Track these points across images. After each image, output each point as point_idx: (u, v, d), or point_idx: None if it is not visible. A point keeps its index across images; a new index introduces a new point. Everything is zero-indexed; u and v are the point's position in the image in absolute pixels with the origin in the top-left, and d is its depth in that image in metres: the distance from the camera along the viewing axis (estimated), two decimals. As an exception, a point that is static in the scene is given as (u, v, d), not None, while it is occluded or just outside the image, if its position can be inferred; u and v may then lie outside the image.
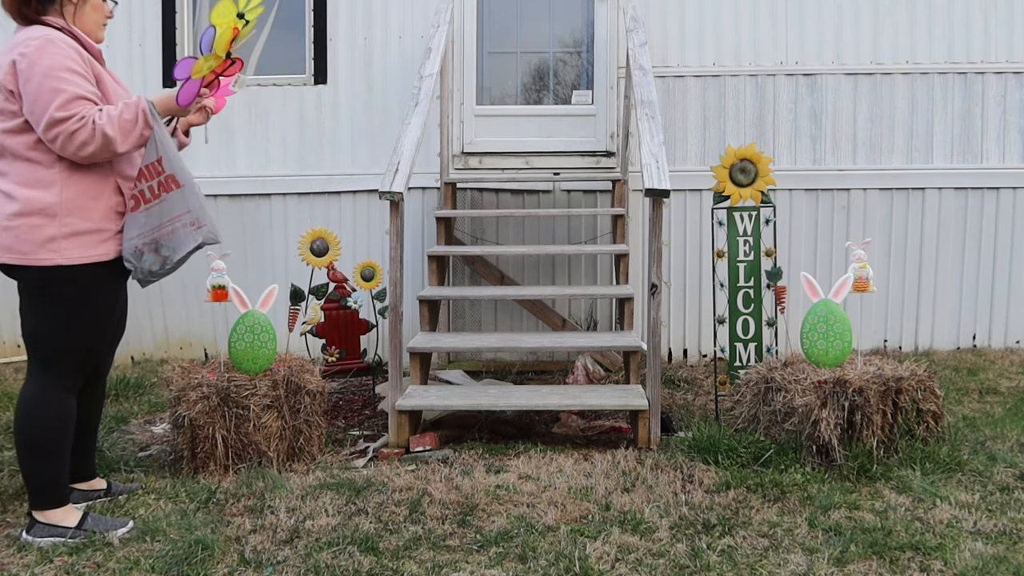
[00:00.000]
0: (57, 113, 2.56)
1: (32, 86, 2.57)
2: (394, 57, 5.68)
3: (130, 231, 2.77)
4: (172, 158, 2.81)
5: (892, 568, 2.55)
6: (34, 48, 2.59)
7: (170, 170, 2.80)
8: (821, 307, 3.57)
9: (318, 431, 3.64)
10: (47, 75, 2.56)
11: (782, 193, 5.42)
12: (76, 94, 2.59)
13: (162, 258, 2.80)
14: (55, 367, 2.80)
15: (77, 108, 2.58)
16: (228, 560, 2.61)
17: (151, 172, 2.78)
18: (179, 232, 2.81)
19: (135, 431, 4.06)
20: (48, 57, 2.57)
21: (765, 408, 3.62)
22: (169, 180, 2.80)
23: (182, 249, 2.83)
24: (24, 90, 2.59)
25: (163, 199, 2.79)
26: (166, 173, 2.79)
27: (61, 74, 2.58)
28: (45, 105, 2.56)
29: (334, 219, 5.64)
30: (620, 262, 4.95)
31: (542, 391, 4.13)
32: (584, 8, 5.72)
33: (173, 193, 2.80)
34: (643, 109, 4.25)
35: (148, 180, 2.78)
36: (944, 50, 5.59)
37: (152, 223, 2.78)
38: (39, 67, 2.56)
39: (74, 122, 2.57)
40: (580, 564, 2.55)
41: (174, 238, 2.80)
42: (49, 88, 2.56)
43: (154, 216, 2.78)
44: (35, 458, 2.78)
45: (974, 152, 5.62)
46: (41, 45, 2.59)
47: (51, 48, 2.59)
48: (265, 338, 3.52)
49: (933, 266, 5.65)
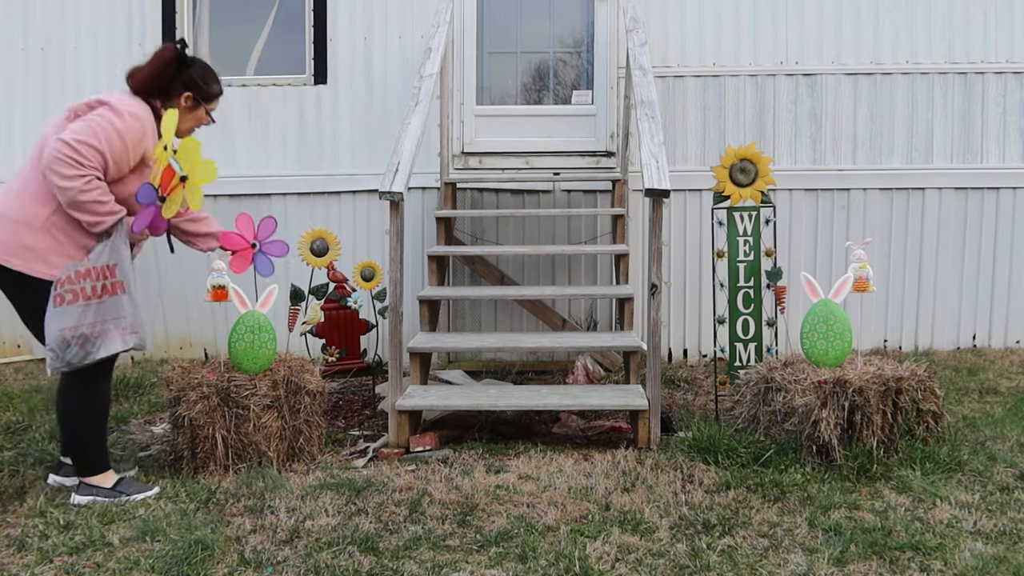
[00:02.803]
0: (74, 141, 2.88)
1: (83, 122, 2.95)
2: (394, 57, 5.69)
3: (61, 322, 2.91)
4: (125, 267, 3.03)
5: (892, 568, 2.55)
6: (121, 106, 3.01)
7: (121, 277, 3.01)
8: (821, 307, 3.56)
9: (318, 431, 3.64)
10: (103, 126, 2.94)
11: (782, 193, 5.42)
12: (100, 150, 2.93)
13: (85, 352, 2.94)
14: None
15: (88, 156, 2.90)
16: (228, 560, 2.61)
17: (99, 274, 2.97)
18: (111, 333, 2.99)
19: (135, 431, 4.07)
20: (120, 120, 2.97)
21: (765, 408, 3.62)
22: (116, 286, 3.00)
23: (108, 349, 2.99)
24: (86, 118, 2.97)
25: (104, 300, 2.97)
26: (115, 279, 3.00)
27: (111, 133, 2.95)
28: (72, 134, 2.91)
29: (334, 219, 5.64)
30: (620, 262, 4.95)
31: (542, 391, 4.13)
32: (584, 8, 5.72)
33: (116, 297, 3.00)
34: (643, 109, 4.25)
35: (94, 280, 2.95)
36: (944, 50, 5.59)
37: (87, 319, 2.94)
38: (99, 118, 2.96)
39: (74, 159, 2.88)
40: (580, 564, 2.55)
41: (104, 337, 2.97)
42: (87, 130, 2.92)
43: (90, 313, 2.95)
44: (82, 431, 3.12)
45: (974, 152, 5.62)
46: (124, 111, 2.99)
47: (129, 118, 3.00)
48: (265, 338, 3.51)
49: (933, 266, 5.65)
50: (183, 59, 3.20)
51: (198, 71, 3.23)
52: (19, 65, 5.84)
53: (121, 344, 3.01)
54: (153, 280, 5.66)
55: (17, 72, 5.84)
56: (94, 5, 5.78)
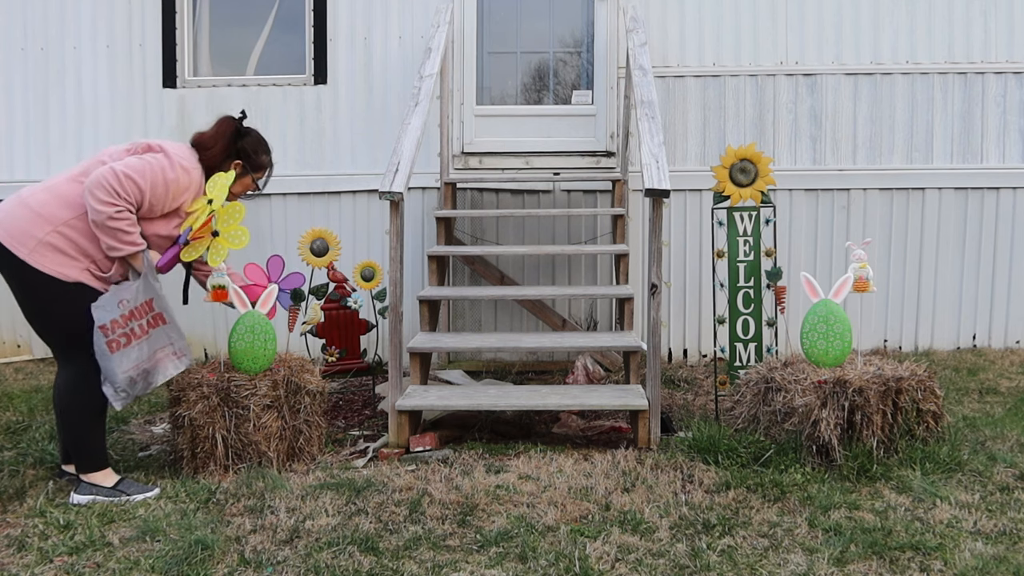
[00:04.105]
0: (121, 175, 3.05)
1: (138, 160, 3.14)
2: (394, 57, 5.69)
3: (124, 364, 3.10)
4: (159, 299, 3.21)
5: (892, 568, 2.55)
6: (177, 156, 3.21)
7: (159, 309, 3.21)
8: (821, 307, 3.56)
9: (318, 431, 3.64)
10: (151, 171, 3.12)
11: (782, 193, 5.42)
12: (142, 191, 3.10)
13: (147, 383, 3.19)
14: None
15: (128, 191, 3.06)
16: (228, 560, 2.61)
17: (141, 312, 3.17)
18: (164, 362, 3.23)
19: (135, 431, 4.07)
20: (170, 171, 3.16)
21: (765, 408, 3.62)
22: (157, 318, 3.21)
23: (166, 375, 3.24)
24: (139, 158, 3.15)
25: (151, 334, 3.18)
26: (155, 312, 3.20)
27: (157, 179, 3.13)
28: (124, 167, 3.08)
29: (334, 219, 5.64)
30: (620, 262, 4.95)
31: (542, 391, 4.13)
32: (584, 8, 5.72)
33: (160, 328, 3.21)
34: (643, 109, 4.26)
35: (139, 319, 3.16)
36: (944, 50, 5.59)
37: (143, 355, 3.15)
38: (154, 160, 3.15)
39: (113, 189, 3.04)
40: (580, 564, 2.55)
41: (160, 365, 3.21)
42: (141, 171, 3.10)
43: (144, 350, 3.16)
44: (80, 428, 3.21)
45: (974, 152, 5.62)
46: (178, 163, 3.19)
47: (180, 171, 3.19)
48: (265, 338, 3.51)
49: (933, 266, 5.65)
50: (240, 130, 3.44)
51: (251, 142, 3.45)
52: (19, 65, 5.84)
53: (174, 369, 3.26)
54: (153, 280, 5.66)
55: (17, 72, 5.84)
56: (94, 5, 5.78)
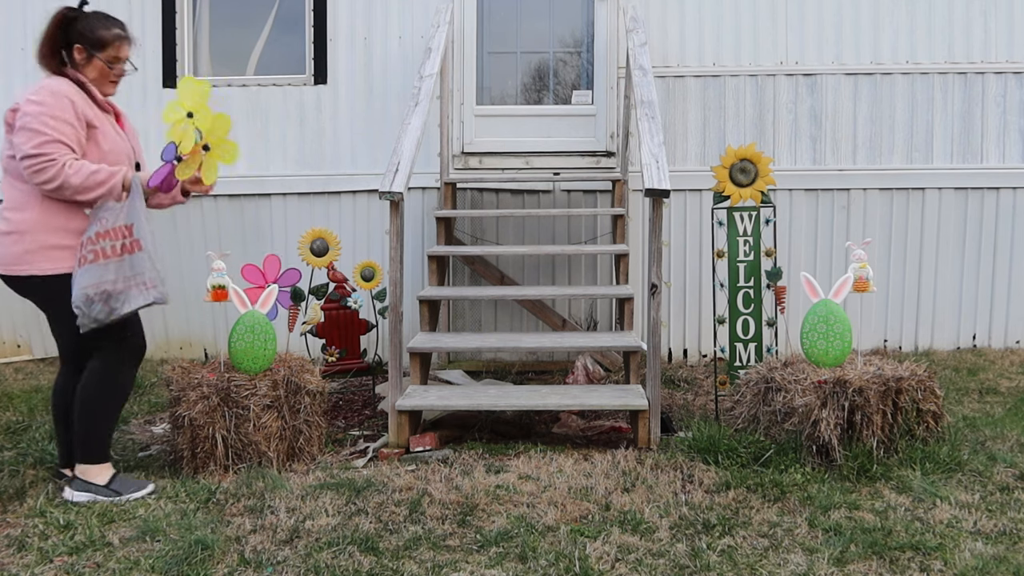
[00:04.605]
0: (31, 150, 2.96)
1: (24, 123, 3.00)
2: (394, 57, 5.69)
3: (84, 280, 3.01)
4: (142, 225, 3.08)
5: (892, 568, 2.55)
6: (36, 95, 3.02)
7: (138, 235, 3.07)
8: (821, 307, 3.56)
9: (318, 431, 3.64)
10: (36, 117, 2.98)
11: (782, 193, 5.42)
12: (53, 138, 2.98)
13: (109, 308, 3.03)
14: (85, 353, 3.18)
15: (50, 149, 2.96)
16: (228, 560, 2.61)
17: (117, 234, 3.05)
18: (132, 290, 3.07)
19: (135, 431, 4.07)
20: (43, 106, 3.00)
21: (765, 408, 3.62)
22: (134, 244, 3.07)
23: (132, 304, 3.07)
24: (19, 124, 3.01)
25: (123, 258, 3.06)
26: (133, 238, 3.06)
27: (47, 120, 2.98)
28: (26, 141, 2.98)
29: (334, 219, 5.64)
30: (620, 262, 4.95)
31: (542, 391, 4.13)
32: (584, 8, 5.72)
33: (135, 255, 3.07)
34: (643, 109, 4.26)
35: (113, 240, 3.05)
36: (944, 50, 5.59)
37: (108, 277, 3.03)
38: (33, 110, 2.99)
39: (43, 161, 2.96)
40: (580, 564, 2.55)
41: (127, 293, 3.06)
42: (33, 128, 2.97)
43: (111, 271, 3.03)
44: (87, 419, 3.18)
45: (974, 152, 5.62)
46: (43, 96, 3.01)
47: (49, 98, 3.01)
48: (265, 338, 3.51)
49: (933, 266, 5.65)
50: (68, 16, 3.18)
51: (84, 22, 3.18)
52: (19, 65, 5.83)
53: (143, 299, 3.09)
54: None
55: (17, 72, 5.84)
56: (94, 5, 5.76)
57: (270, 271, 3.88)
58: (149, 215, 3.16)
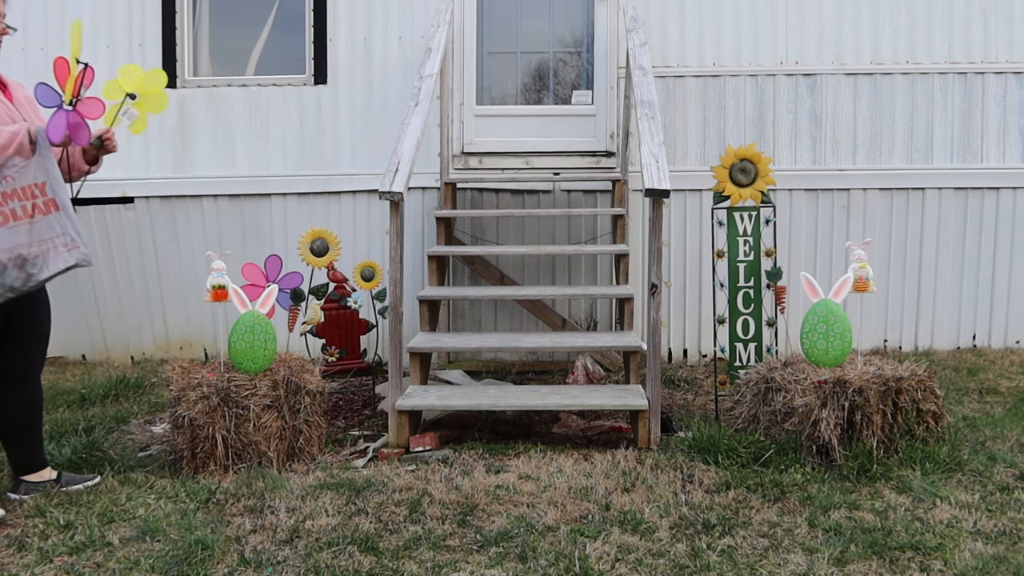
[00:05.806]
0: None
1: None
2: (394, 57, 5.68)
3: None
4: (55, 183, 2.92)
5: (892, 568, 2.55)
6: None
7: (52, 195, 2.91)
8: (821, 307, 3.56)
9: (318, 431, 3.64)
10: None
11: (782, 193, 5.42)
12: None
13: (26, 275, 2.87)
14: None
15: None
16: (228, 560, 2.61)
17: (27, 193, 2.87)
18: (51, 253, 2.91)
19: (135, 431, 4.07)
20: None
21: (765, 408, 3.62)
22: (48, 204, 2.91)
23: (52, 268, 2.91)
24: None
25: (36, 219, 2.89)
26: (47, 197, 2.90)
27: None
28: None
29: (334, 219, 5.64)
30: (620, 262, 4.94)
31: (542, 391, 4.13)
32: (584, 8, 5.72)
33: (50, 216, 2.90)
34: (643, 109, 4.26)
35: (22, 200, 2.86)
36: (944, 50, 5.59)
37: (20, 240, 2.86)
38: None
39: None
40: (580, 564, 2.55)
41: (45, 257, 2.90)
42: None
43: (23, 234, 2.86)
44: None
45: (974, 152, 5.62)
46: None
47: None
48: (265, 338, 3.51)
49: (933, 266, 5.65)
50: None
51: None
52: (18, 65, 5.82)
53: (63, 262, 2.93)
54: (153, 280, 5.66)
55: (17, 72, 5.82)
56: (94, 5, 5.77)
57: (272, 272, 3.88)
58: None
